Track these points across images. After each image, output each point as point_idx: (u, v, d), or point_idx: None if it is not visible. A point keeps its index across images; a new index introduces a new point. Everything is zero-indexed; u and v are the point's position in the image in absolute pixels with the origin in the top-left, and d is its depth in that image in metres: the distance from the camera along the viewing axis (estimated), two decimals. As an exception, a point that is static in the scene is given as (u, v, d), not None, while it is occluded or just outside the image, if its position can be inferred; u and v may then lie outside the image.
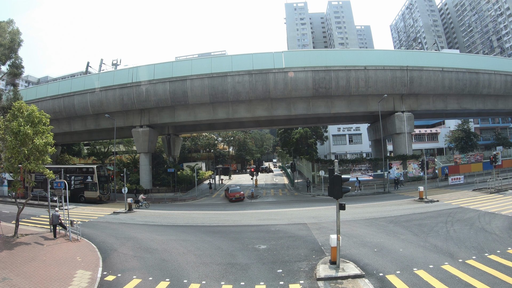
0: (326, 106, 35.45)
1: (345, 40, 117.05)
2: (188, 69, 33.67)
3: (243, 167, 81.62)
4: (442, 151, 62.42)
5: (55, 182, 17.82)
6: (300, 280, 10.21)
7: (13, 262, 12.34)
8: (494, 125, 66.28)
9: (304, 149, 51.27)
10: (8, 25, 24.75)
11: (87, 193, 31.64)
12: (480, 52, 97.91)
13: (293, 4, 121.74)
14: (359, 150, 63.55)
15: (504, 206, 19.94)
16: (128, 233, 17.78)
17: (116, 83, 35.35)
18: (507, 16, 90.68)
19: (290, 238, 15.41)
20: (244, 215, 23.32)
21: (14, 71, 25.92)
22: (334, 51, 50.21)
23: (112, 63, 43.47)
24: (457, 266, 10.63)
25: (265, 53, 33.85)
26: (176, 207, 29.67)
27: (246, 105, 35.40)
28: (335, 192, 11.09)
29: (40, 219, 21.82)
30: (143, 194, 31.83)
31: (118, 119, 37.13)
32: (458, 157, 39.93)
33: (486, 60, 38.70)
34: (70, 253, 13.60)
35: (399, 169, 34.70)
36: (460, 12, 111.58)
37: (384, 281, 9.84)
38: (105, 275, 11.19)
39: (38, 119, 15.96)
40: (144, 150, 37.83)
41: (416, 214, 19.37)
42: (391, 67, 33.29)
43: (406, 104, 35.80)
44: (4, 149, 16.11)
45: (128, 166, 46.46)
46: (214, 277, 10.74)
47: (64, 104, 37.52)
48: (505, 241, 13.00)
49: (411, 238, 14.28)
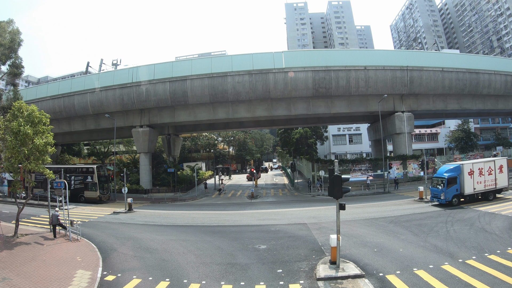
0: (326, 106, 35.45)
1: (345, 40, 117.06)
2: (188, 69, 33.66)
3: (243, 167, 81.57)
4: (442, 151, 62.42)
5: (55, 182, 17.82)
6: (300, 280, 10.21)
7: (13, 262, 12.34)
8: (494, 125, 66.27)
9: (304, 149, 51.28)
10: (8, 25, 24.72)
11: (87, 193, 31.62)
12: (480, 52, 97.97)
13: (293, 4, 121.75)
14: (359, 150, 63.55)
15: (504, 206, 19.96)
16: (128, 233, 17.78)
17: (116, 83, 35.34)
18: (507, 16, 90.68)
19: (290, 238, 15.42)
20: (244, 215, 23.32)
21: (14, 71, 25.90)
22: (334, 51, 50.20)
23: (112, 63, 43.49)
24: (457, 266, 10.63)
25: (265, 53, 33.84)
26: (176, 207, 29.67)
27: (246, 105, 35.40)
28: (335, 192, 11.09)
29: (40, 219, 21.83)
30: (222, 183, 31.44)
31: (118, 119, 37.12)
32: (458, 157, 39.93)
33: (486, 60, 38.70)
34: (70, 253, 13.60)
35: (399, 169, 34.71)
36: (460, 12, 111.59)
37: (384, 281, 9.84)
38: (105, 275, 11.19)
39: (38, 119, 15.96)
40: (144, 150, 37.82)
41: (416, 214, 19.38)
42: (391, 67, 33.28)
43: (406, 104, 35.80)
44: (4, 149, 16.10)
45: (128, 166, 46.44)
46: (214, 277, 10.74)
47: (64, 104, 37.52)
48: (505, 241, 13.00)
49: (411, 238, 14.28)
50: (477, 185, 22.01)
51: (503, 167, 22.74)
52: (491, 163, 22.65)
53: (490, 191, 22.54)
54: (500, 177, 22.66)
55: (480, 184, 22.12)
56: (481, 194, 22.42)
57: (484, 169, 22.23)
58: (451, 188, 21.59)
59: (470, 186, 21.85)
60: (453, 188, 21.64)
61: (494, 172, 22.46)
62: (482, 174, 22.17)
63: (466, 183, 21.71)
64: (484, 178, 22.21)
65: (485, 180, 22.27)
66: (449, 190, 21.58)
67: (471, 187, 21.86)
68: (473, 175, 21.89)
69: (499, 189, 23.04)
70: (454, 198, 21.70)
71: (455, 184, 21.68)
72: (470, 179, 21.85)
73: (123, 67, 40.43)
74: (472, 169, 21.91)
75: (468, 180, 21.80)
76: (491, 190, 22.55)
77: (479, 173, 22.08)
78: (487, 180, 22.32)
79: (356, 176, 34.69)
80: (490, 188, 22.47)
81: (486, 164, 22.54)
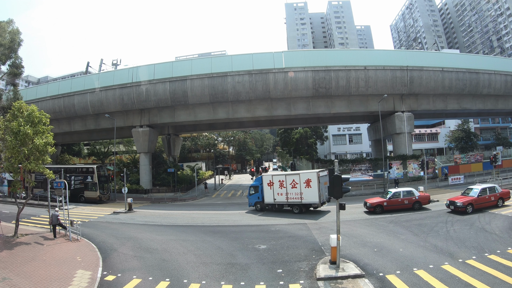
0: (326, 106, 35.45)
1: (345, 40, 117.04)
2: (188, 69, 33.66)
3: (243, 167, 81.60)
4: (442, 151, 62.41)
5: (55, 182, 17.82)
6: (300, 280, 10.21)
7: (13, 262, 12.34)
8: (494, 125, 66.28)
9: (304, 149, 51.29)
10: (8, 25, 24.73)
11: (87, 193, 31.63)
12: (480, 52, 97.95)
13: (293, 4, 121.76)
14: (359, 150, 63.56)
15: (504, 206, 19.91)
16: (128, 233, 17.78)
17: (116, 83, 35.34)
18: (507, 16, 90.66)
19: (290, 238, 15.42)
20: (244, 215, 23.32)
21: (14, 71, 25.92)
22: (334, 51, 50.19)
23: (112, 63, 43.54)
24: (457, 266, 10.62)
25: (265, 53, 33.84)
26: (176, 207, 29.67)
27: (246, 105, 35.39)
28: (335, 192, 11.09)
29: (40, 219, 21.83)
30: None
31: (118, 119, 37.12)
32: (458, 157, 39.93)
33: (486, 60, 38.70)
34: (70, 253, 13.60)
35: (399, 169, 34.71)
36: (460, 12, 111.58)
37: (384, 281, 9.83)
38: (105, 275, 11.19)
39: (38, 119, 15.96)
40: (144, 150, 37.82)
41: (416, 214, 19.37)
42: (391, 67, 33.27)
43: (406, 104, 35.80)
44: (4, 149, 16.09)
45: (128, 166, 46.45)
46: (214, 277, 10.74)
47: (64, 104, 37.52)
48: (505, 241, 12.99)
49: (411, 238, 14.28)
50: (277, 196, 22.85)
51: (311, 182, 21.24)
52: (296, 176, 22.26)
53: (296, 204, 22.16)
54: (306, 191, 21.48)
55: (281, 196, 22.65)
56: (289, 205, 22.65)
57: (286, 181, 22.43)
58: (253, 195, 24.52)
59: (270, 196, 23.23)
60: (255, 195, 24.41)
61: (300, 186, 21.71)
62: (284, 186, 22.51)
63: (265, 193, 23.41)
64: (287, 191, 22.39)
65: (288, 192, 22.33)
66: (252, 197, 24.65)
67: (271, 197, 23.18)
68: (272, 186, 23.07)
69: (308, 204, 21.87)
70: (257, 204, 24.37)
71: (257, 192, 24.21)
72: (270, 189, 23.19)
73: (123, 67, 40.46)
74: (272, 181, 23.13)
75: (267, 191, 23.30)
76: (296, 204, 22.12)
77: (280, 185, 22.68)
78: (291, 193, 22.23)
79: (356, 176, 34.69)
80: (295, 201, 22.09)
81: (289, 177, 22.67)
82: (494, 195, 19.14)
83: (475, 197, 18.62)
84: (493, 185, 20.26)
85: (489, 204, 18.95)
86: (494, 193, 19.25)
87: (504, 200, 19.60)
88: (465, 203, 18.23)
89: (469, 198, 18.63)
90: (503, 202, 19.51)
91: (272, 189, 23.08)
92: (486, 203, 18.90)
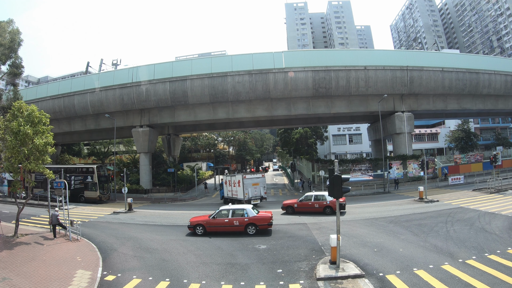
0: (326, 106, 35.45)
1: (345, 40, 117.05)
2: (188, 69, 33.66)
3: (243, 167, 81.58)
4: (442, 151, 62.43)
5: (55, 182, 17.80)
6: (300, 280, 10.20)
7: (13, 262, 12.33)
8: (494, 125, 66.29)
9: (304, 149, 51.30)
10: (8, 25, 24.76)
11: (87, 193, 31.61)
12: (480, 52, 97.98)
13: (293, 4, 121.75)
14: (359, 150, 63.57)
15: (504, 206, 19.93)
16: (128, 233, 17.78)
17: (116, 83, 35.34)
18: (507, 16, 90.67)
19: (290, 238, 15.41)
20: (244, 215, 23.27)
21: (14, 71, 25.94)
22: (334, 51, 50.21)
23: (112, 63, 43.51)
24: (457, 266, 10.62)
25: (265, 53, 33.85)
26: (176, 207, 29.67)
27: (246, 105, 35.39)
28: (335, 192, 11.08)
29: (40, 219, 21.82)
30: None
31: (118, 119, 37.12)
32: (458, 157, 39.93)
33: (486, 60, 38.72)
34: (70, 253, 13.59)
35: (399, 169, 34.71)
36: (460, 12, 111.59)
37: (384, 281, 9.83)
38: (105, 275, 11.18)
39: (38, 119, 15.93)
40: (144, 150, 37.82)
41: (416, 214, 19.36)
42: (391, 67, 33.27)
43: (406, 104, 35.80)
44: (4, 149, 16.07)
45: (128, 166, 46.46)
46: (214, 277, 10.74)
47: (64, 104, 37.52)
48: (505, 241, 12.99)
49: (411, 238, 14.28)
50: (228, 192, 29.11)
51: (240, 182, 26.28)
52: (234, 177, 27.70)
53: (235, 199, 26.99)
54: (238, 190, 26.53)
55: (230, 192, 28.79)
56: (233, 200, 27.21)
57: (230, 181, 28.49)
58: (221, 191, 31.82)
59: (226, 192, 29.67)
60: (221, 191, 31.32)
61: (237, 185, 26.88)
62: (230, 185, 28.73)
63: (225, 189, 30.06)
64: (231, 188, 28.28)
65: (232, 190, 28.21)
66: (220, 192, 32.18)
67: (227, 192, 29.46)
68: (226, 185, 29.58)
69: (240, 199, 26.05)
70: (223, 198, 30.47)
71: (222, 189, 31.24)
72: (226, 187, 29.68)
73: (123, 67, 40.45)
74: (226, 181, 29.63)
75: (225, 188, 30.00)
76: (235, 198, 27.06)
77: (229, 184, 28.87)
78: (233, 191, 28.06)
79: (356, 176, 34.69)
80: (234, 197, 27.35)
81: (233, 178, 28.03)
82: (319, 202, 20.92)
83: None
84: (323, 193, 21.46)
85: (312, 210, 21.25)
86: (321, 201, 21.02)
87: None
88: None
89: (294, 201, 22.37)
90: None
91: (226, 187, 29.58)
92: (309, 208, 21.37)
